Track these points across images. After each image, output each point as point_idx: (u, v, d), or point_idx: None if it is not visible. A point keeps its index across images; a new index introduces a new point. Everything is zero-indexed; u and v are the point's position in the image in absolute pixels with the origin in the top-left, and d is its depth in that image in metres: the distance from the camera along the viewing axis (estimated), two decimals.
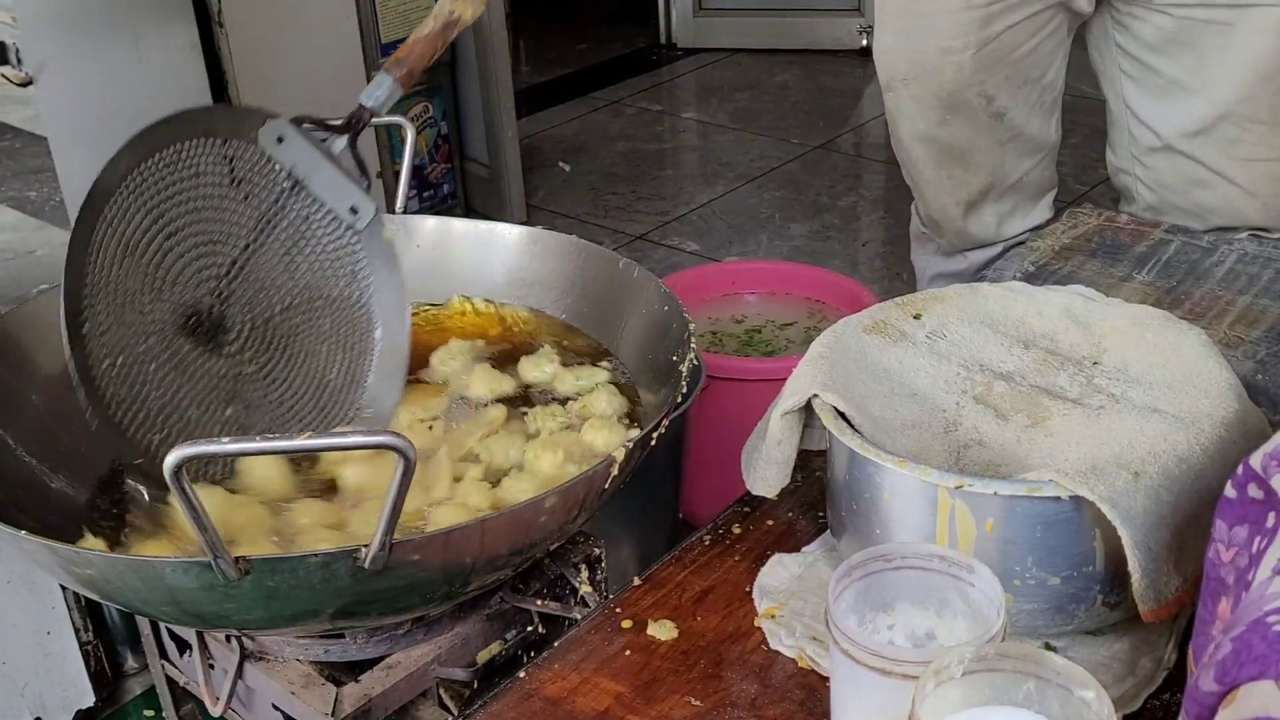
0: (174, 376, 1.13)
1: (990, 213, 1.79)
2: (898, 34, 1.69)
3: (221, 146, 1.16)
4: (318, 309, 1.22)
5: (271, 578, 0.89)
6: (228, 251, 1.17)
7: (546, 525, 1.00)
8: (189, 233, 1.14)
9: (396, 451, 0.85)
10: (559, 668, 0.93)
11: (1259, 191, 1.57)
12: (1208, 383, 0.93)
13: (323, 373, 1.22)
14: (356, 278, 1.23)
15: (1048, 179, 1.81)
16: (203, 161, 1.15)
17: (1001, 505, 0.85)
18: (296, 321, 1.21)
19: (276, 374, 1.20)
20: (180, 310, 1.14)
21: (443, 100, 2.91)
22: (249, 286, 1.18)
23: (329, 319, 1.23)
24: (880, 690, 0.71)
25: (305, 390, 1.21)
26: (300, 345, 1.21)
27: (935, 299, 1.06)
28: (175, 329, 1.13)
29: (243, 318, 1.17)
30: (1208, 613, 0.72)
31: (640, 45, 4.45)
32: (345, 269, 1.22)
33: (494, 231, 1.39)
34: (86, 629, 1.68)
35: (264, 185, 1.18)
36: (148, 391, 1.10)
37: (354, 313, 1.24)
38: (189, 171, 1.14)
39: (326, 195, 1.20)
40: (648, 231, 3.13)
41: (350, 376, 1.23)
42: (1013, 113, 1.68)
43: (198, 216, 1.15)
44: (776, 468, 0.99)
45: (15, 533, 0.93)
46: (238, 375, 1.17)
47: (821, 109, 3.82)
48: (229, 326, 1.17)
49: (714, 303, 2.15)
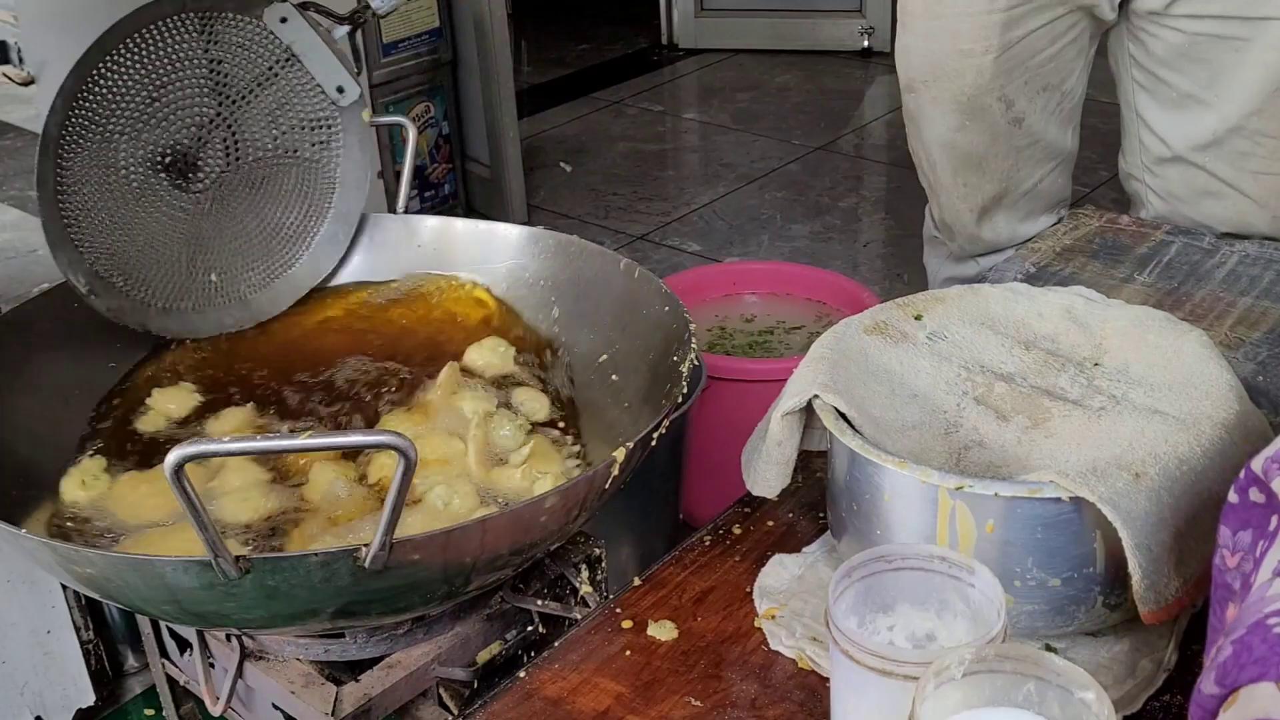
0: (135, 205, 1.26)
1: (1003, 219, 1.79)
2: (919, 35, 1.68)
3: (228, 20, 1.27)
4: (286, 164, 1.35)
5: (272, 577, 0.89)
6: (214, 104, 1.29)
7: (547, 525, 1.00)
8: (182, 84, 1.26)
9: (397, 451, 0.85)
10: (559, 668, 0.93)
11: (1269, 204, 1.57)
12: (1208, 384, 0.93)
13: (277, 222, 1.35)
14: (329, 146, 1.36)
15: (1061, 188, 1.80)
16: (207, 29, 1.26)
17: (1002, 506, 0.85)
18: (265, 172, 1.34)
19: (234, 214, 1.33)
20: (158, 148, 1.26)
21: (444, 100, 2.91)
22: (228, 135, 1.30)
23: (295, 176, 1.36)
24: (880, 691, 0.71)
25: (257, 235, 1.34)
26: (263, 193, 1.34)
27: (936, 300, 1.06)
28: (149, 165, 1.26)
29: (215, 161, 1.30)
30: (1217, 620, 0.72)
31: (642, 46, 4.45)
32: (321, 136, 1.36)
33: (495, 231, 1.39)
34: (87, 628, 1.68)
35: (261, 55, 1.30)
36: (105, 213, 1.23)
37: (319, 175, 1.37)
38: (196, 33, 1.25)
39: (317, 72, 1.32)
40: (648, 232, 3.13)
41: (300, 230, 1.36)
42: (1031, 119, 1.67)
43: (193, 74, 1.27)
44: (777, 468, 0.99)
45: (16, 531, 0.93)
46: (197, 211, 1.30)
47: (823, 110, 3.82)
48: (201, 166, 1.29)
49: (715, 303, 2.15)
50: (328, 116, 1.35)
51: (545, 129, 3.75)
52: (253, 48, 1.29)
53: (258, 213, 1.34)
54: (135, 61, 1.22)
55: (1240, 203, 1.58)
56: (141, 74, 1.23)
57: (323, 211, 1.37)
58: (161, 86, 1.24)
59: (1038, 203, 1.78)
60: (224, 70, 1.28)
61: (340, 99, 1.34)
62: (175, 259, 1.29)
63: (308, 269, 1.37)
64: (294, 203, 1.36)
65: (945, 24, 1.63)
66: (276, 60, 1.30)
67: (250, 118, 1.31)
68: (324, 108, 1.34)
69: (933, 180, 1.81)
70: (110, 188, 1.23)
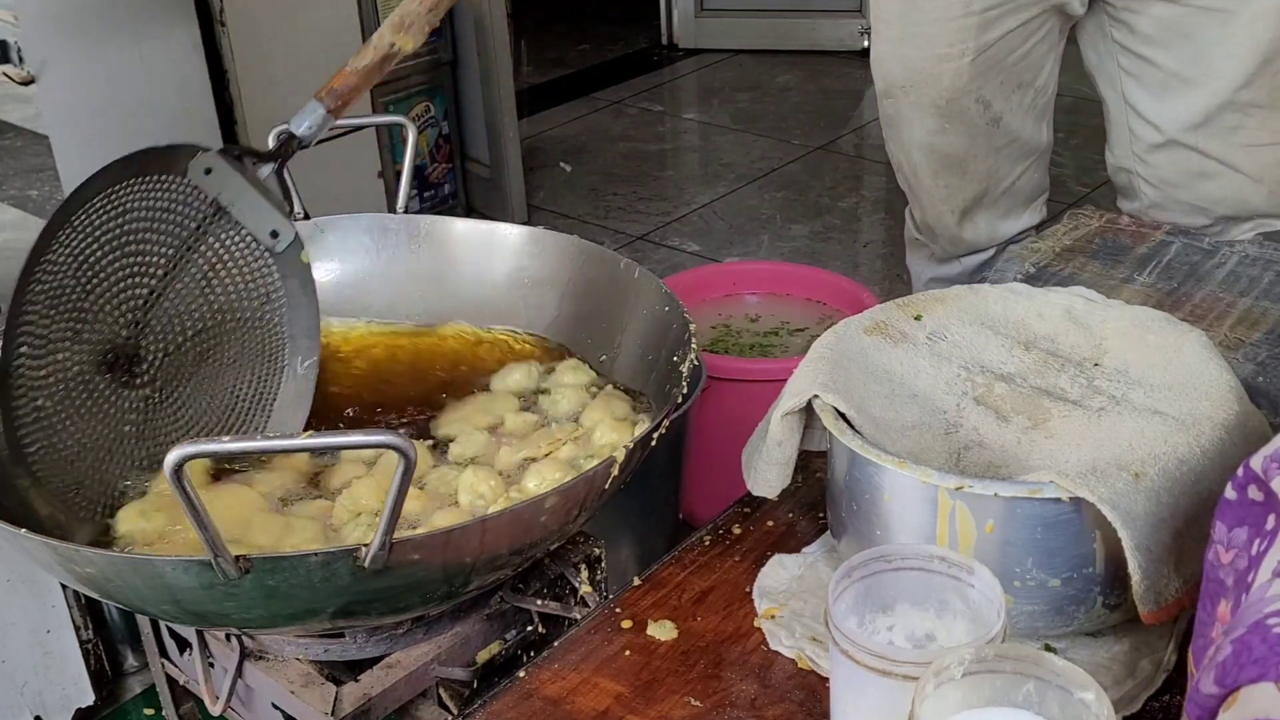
0: (88, 414, 1.12)
1: (983, 219, 1.80)
2: (894, 41, 1.69)
3: (151, 182, 1.16)
4: (229, 331, 1.23)
5: (272, 577, 0.89)
6: (147, 282, 1.17)
7: (547, 525, 1.00)
8: (112, 270, 1.14)
9: (397, 451, 0.85)
10: (559, 668, 0.93)
11: (1265, 178, 1.58)
12: (1208, 385, 0.93)
13: (230, 395, 1.23)
14: (270, 300, 1.24)
15: (1039, 182, 1.81)
16: (130, 200, 1.15)
17: (1002, 507, 0.85)
18: (208, 345, 1.22)
19: (184, 399, 1.20)
20: (99, 348, 1.13)
21: (444, 100, 2.91)
22: (164, 314, 1.19)
23: (240, 341, 1.24)
24: (880, 691, 0.71)
25: (211, 413, 1.22)
26: (210, 368, 1.22)
27: (936, 300, 1.06)
28: (94, 367, 1.13)
29: (156, 346, 1.18)
30: (1207, 615, 0.72)
31: (642, 46, 4.45)
32: (260, 291, 1.24)
33: (495, 231, 1.39)
34: (86, 627, 1.68)
35: (188, 215, 1.19)
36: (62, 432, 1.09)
37: (265, 335, 1.25)
38: (117, 212, 1.14)
39: (248, 220, 1.21)
40: (648, 232, 3.13)
41: (257, 400, 1.24)
42: (1008, 117, 1.68)
43: (123, 253, 1.15)
44: (777, 468, 0.99)
45: (16, 531, 0.93)
46: (147, 403, 1.17)
47: (823, 110, 3.82)
48: (143, 357, 1.17)
49: (715, 303, 2.15)
50: (264, 267, 1.24)
51: (545, 129, 3.75)
52: (177, 209, 1.19)
53: (208, 391, 1.22)
54: (67, 259, 1.11)
55: (1234, 180, 1.58)
56: (74, 270, 1.11)
57: (277, 372, 1.25)
58: (94, 277, 1.13)
59: (1017, 199, 1.79)
60: (151, 242, 1.17)
61: (275, 244, 1.23)
62: (132, 462, 1.16)
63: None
64: (244, 370, 1.24)
65: (921, 29, 1.64)
66: (204, 218, 1.20)
67: (183, 289, 1.20)
68: (260, 258, 1.23)
69: (913, 184, 1.82)
70: (59, 403, 1.10)
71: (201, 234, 1.20)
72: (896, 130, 1.77)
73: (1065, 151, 3.18)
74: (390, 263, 1.40)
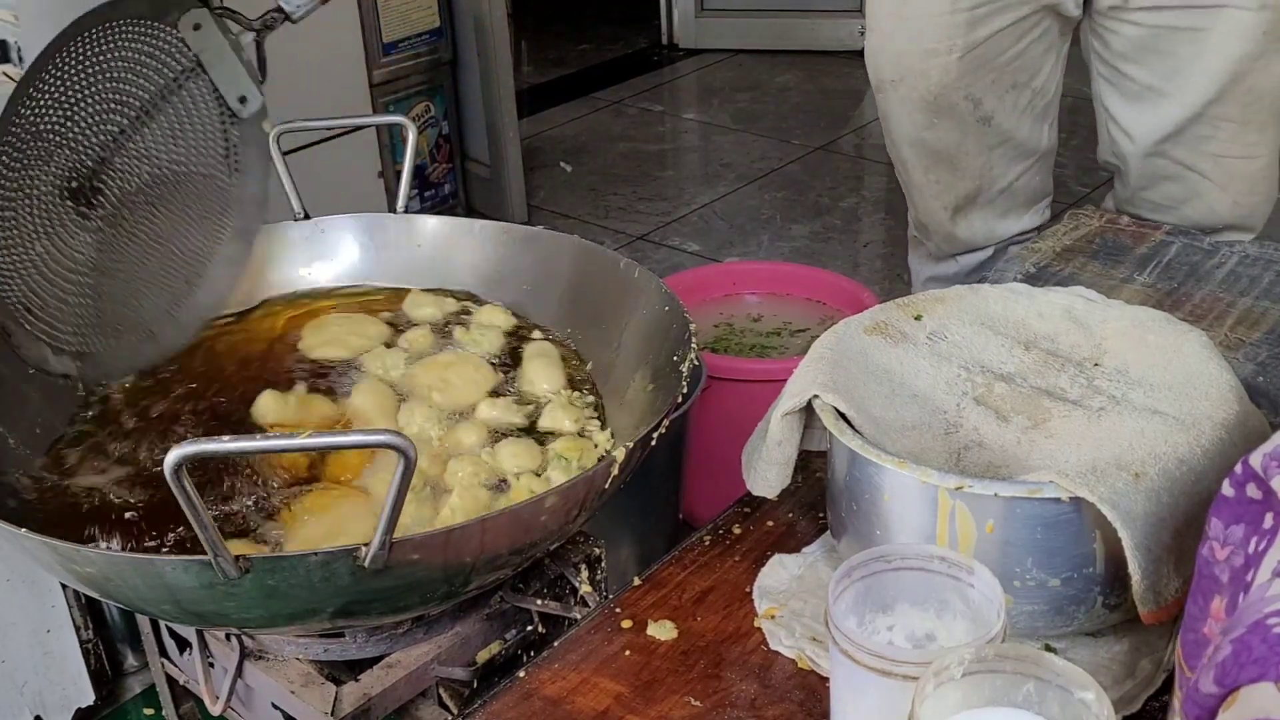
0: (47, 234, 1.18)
1: (978, 217, 1.79)
2: (885, 36, 1.70)
3: (143, 26, 1.23)
4: (183, 183, 1.29)
5: (271, 576, 0.89)
6: (119, 120, 1.23)
7: (547, 525, 1.00)
8: (92, 101, 1.21)
9: (397, 450, 0.85)
10: (559, 668, 0.93)
11: (1229, 188, 1.59)
12: (1208, 385, 0.93)
13: (175, 245, 1.28)
14: (227, 161, 1.30)
15: (1040, 185, 1.80)
16: (122, 37, 1.21)
17: (1002, 506, 0.85)
18: (161, 192, 1.27)
19: (135, 241, 1.26)
20: (67, 172, 1.19)
21: (444, 100, 2.91)
22: (128, 156, 1.24)
23: (191, 193, 1.29)
24: (880, 691, 0.71)
25: (156, 260, 1.27)
26: (161, 215, 1.28)
27: (936, 300, 1.06)
28: (58, 191, 1.19)
29: (115, 184, 1.23)
30: (1198, 609, 0.72)
31: (642, 46, 4.45)
32: (219, 151, 1.30)
33: (495, 231, 1.39)
34: (86, 627, 1.68)
35: (168, 64, 1.25)
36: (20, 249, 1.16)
37: (216, 193, 1.31)
38: (108, 45, 1.20)
39: (221, 81, 1.28)
40: (648, 232, 3.13)
41: (198, 253, 1.30)
42: (1000, 117, 1.68)
43: (104, 86, 1.21)
44: (777, 468, 0.99)
45: (16, 531, 0.93)
46: (98, 237, 1.23)
47: (823, 110, 3.82)
48: (102, 191, 1.23)
49: (715, 303, 2.15)
50: (227, 129, 1.30)
51: (545, 129, 3.75)
52: (161, 58, 1.25)
53: (156, 236, 1.28)
54: (57, 80, 1.17)
55: (1201, 184, 1.59)
56: (61, 92, 1.18)
57: (220, 230, 1.31)
58: (77, 104, 1.20)
59: (1015, 200, 1.78)
60: (131, 83, 1.23)
61: (242, 110, 1.29)
62: (81, 295, 1.22)
63: (207, 293, 1.30)
64: (192, 223, 1.30)
65: (910, 24, 1.64)
66: (183, 71, 1.26)
67: (150, 135, 1.26)
68: (225, 120, 1.30)
69: (906, 179, 1.82)
70: (22, 221, 1.17)
71: (177, 86, 1.26)
72: (888, 125, 1.78)
73: (1065, 151, 3.17)
74: (390, 262, 1.40)
